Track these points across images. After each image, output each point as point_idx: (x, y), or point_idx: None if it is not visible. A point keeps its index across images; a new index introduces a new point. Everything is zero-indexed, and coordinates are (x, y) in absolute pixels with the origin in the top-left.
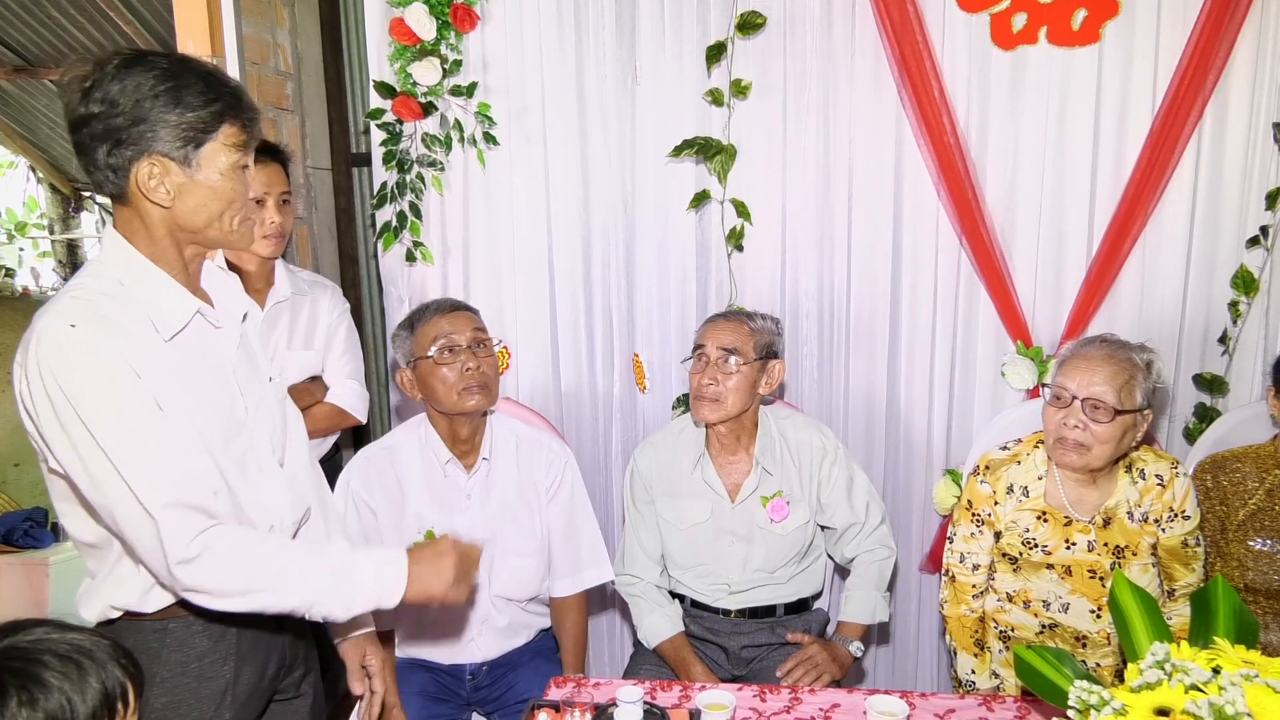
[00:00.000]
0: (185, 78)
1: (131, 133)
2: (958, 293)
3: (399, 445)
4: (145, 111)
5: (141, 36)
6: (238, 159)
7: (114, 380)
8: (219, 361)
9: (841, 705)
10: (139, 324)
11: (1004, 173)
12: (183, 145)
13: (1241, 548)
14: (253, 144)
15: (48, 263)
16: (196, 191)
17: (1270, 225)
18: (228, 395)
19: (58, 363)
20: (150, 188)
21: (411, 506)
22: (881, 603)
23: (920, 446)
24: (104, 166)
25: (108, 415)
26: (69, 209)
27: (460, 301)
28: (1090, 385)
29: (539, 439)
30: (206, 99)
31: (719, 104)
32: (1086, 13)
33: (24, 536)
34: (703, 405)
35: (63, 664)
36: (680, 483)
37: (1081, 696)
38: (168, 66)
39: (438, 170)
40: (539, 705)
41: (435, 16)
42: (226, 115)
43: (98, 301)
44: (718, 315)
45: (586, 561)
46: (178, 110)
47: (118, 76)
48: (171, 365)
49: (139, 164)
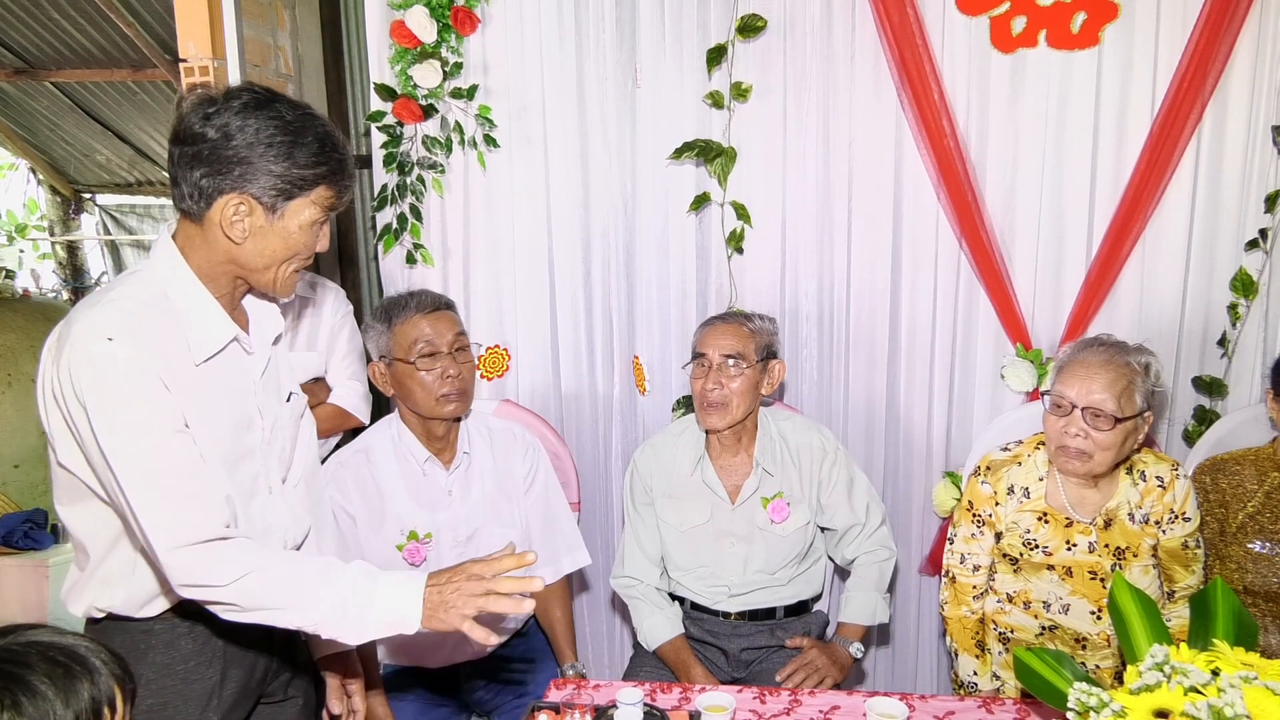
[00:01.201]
0: (304, 136)
1: (234, 168)
2: (957, 295)
3: (373, 447)
4: (255, 155)
5: (142, 39)
6: (320, 217)
7: (143, 404)
8: (244, 385)
9: (841, 707)
10: (175, 343)
11: (1003, 175)
12: (275, 194)
13: (1241, 550)
14: (339, 208)
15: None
16: (271, 238)
17: (1269, 228)
18: (245, 419)
19: (89, 379)
20: (229, 222)
21: (392, 508)
22: (882, 604)
23: (920, 448)
24: (194, 186)
25: (127, 446)
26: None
27: (440, 298)
28: (1090, 394)
29: (510, 429)
30: (316, 160)
31: (719, 106)
32: (1086, 16)
33: (24, 538)
34: (710, 413)
35: (50, 668)
36: (680, 484)
37: (1081, 698)
38: (293, 120)
39: (438, 172)
40: (539, 707)
41: (436, 19)
42: (326, 179)
43: (140, 314)
44: (714, 319)
45: (563, 548)
46: (285, 164)
47: (243, 113)
48: (198, 386)
49: (228, 196)
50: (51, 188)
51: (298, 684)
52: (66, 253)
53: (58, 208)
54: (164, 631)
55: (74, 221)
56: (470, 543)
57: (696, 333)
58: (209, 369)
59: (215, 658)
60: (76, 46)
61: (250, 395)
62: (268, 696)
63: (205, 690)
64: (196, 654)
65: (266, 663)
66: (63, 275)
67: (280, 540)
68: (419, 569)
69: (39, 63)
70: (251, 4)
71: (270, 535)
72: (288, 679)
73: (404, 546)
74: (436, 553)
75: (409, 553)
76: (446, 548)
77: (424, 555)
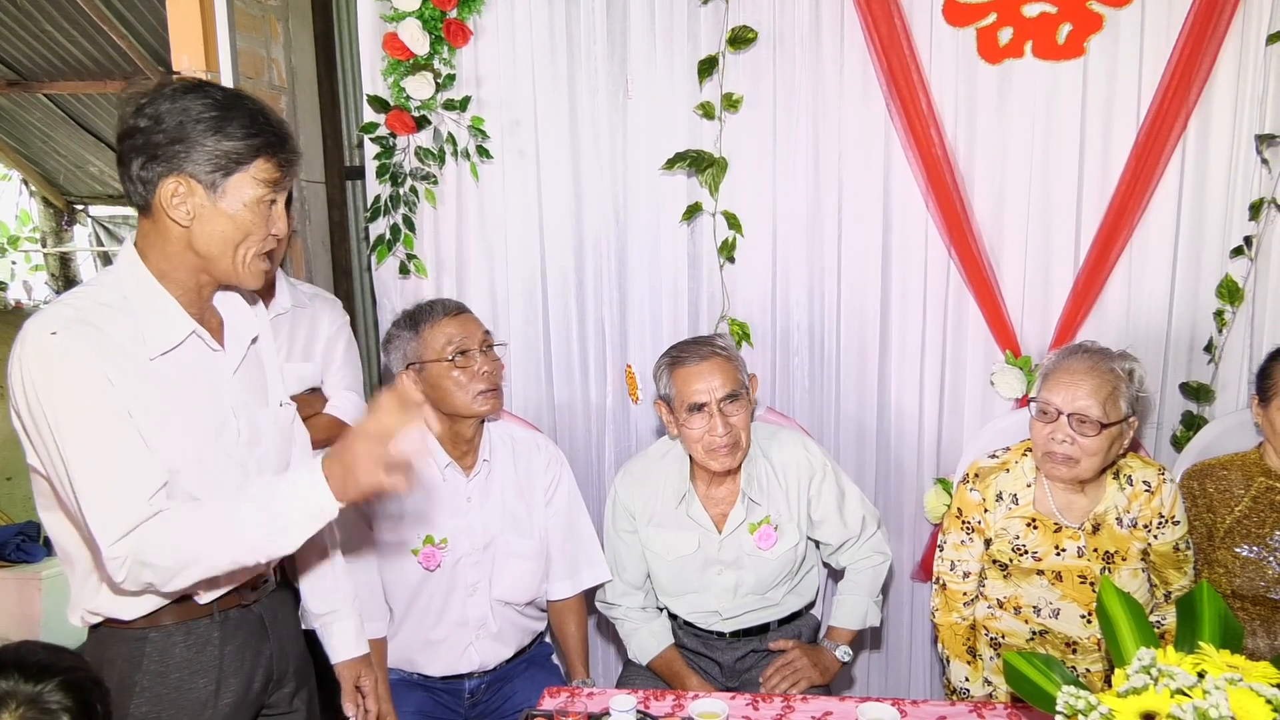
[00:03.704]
0: (234, 110)
1: (167, 150)
2: (947, 303)
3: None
4: (185, 133)
5: (135, 51)
6: (264, 194)
7: (83, 389)
8: (212, 382)
9: (834, 713)
10: (127, 337)
11: (991, 184)
12: (212, 170)
13: (1228, 554)
14: (285, 184)
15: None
16: (216, 219)
17: (1254, 235)
18: (217, 417)
19: (36, 369)
20: (172, 205)
21: (410, 512)
22: (873, 608)
23: (910, 455)
24: (135, 178)
25: (72, 426)
26: (62, 223)
27: (463, 304)
28: (1075, 400)
29: (534, 440)
30: (248, 132)
31: (710, 117)
32: (1071, 27)
33: (16, 551)
34: (720, 455)
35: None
36: (665, 514)
37: (1069, 702)
38: (221, 98)
39: (431, 183)
40: (533, 715)
41: (428, 31)
42: (264, 151)
43: (92, 311)
44: (685, 357)
45: (583, 562)
46: (216, 137)
47: (171, 98)
48: (155, 382)
49: (166, 180)
50: (44, 199)
51: (302, 696)
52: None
53: (50, 219)
54: (159, 639)
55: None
56: (487, 550)
57: (670, 374)
58: (170, 364)
59: (211, 667)
60: (69, 58)
61: (222, 394)
62: (270, 708)
63: (200, 699)
64: (191, 662)
65: (267, 674)
66: (55, 287)
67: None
68: (434, 573)
69: (32, 74)
70: (245, 16)
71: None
72: (291, 691)
73: (419, 551)
74: (453, 558)
75: (425, 557)
76: (463, 553)
77: (439, 560)
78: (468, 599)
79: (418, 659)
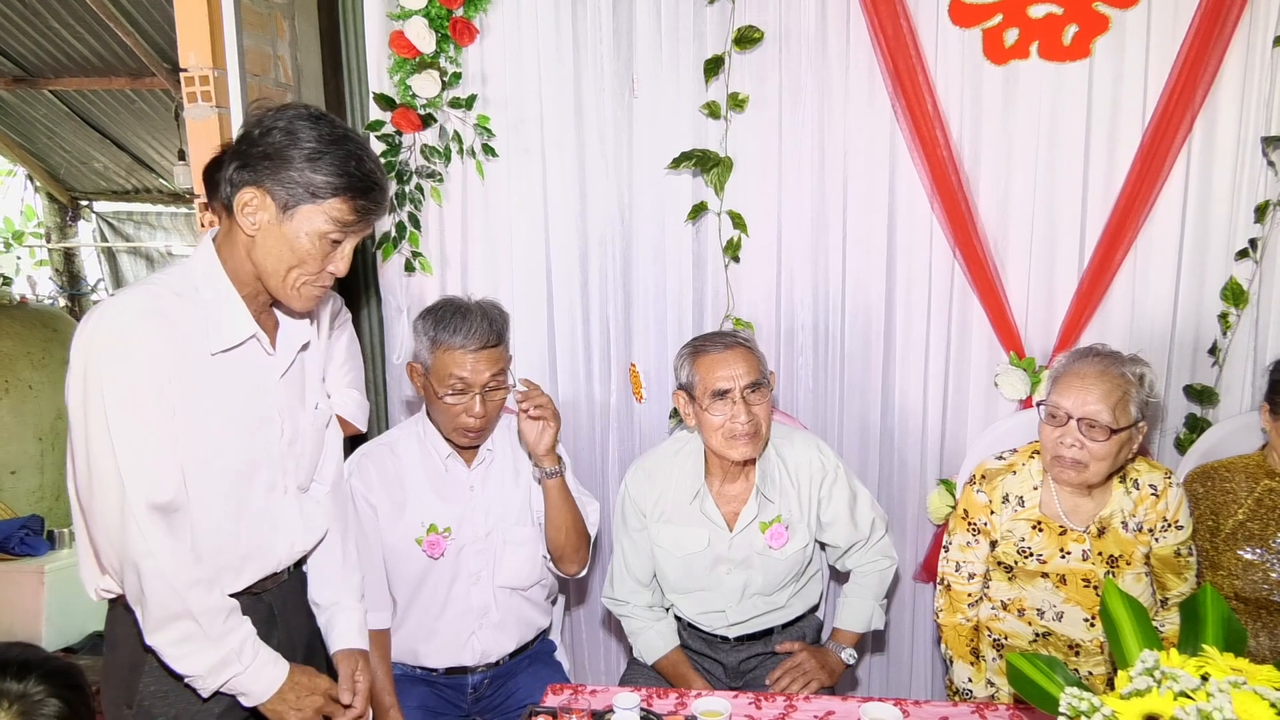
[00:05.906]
0: (335, 147)
1: (260, 162)
2: (951, 304)
3: (398, 441)
4: (283, 153)
5: (141, 48)
6: (331, 230)
7: (133, 381)
8: (263, 383)
9: (836, 713)
10: (194, 330)
11: (997, 185)
12: (289, 194)
13: (1231, 557)
14: (357, 229)
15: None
16: (277, 239)
17: (1259, 238)
18: (262, 419)
19: (98, 353)
20: (243, 213)
21: (413, 500)
22: (878, 611)
23: (914, 456)
24: (227, 179)
25: (103, 421)
26: (66, 218)
27: (490, 334)
28: (1085, 405)
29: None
30: (336, 170)
31: (716, 117)
32: (1077, 28)
33: (20, 544)
34: (741, 443)
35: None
36: (677, 510)
37: (1072, 703)
38: (329, 133)
39: (436, 181)
40: (536, 712)
41: (435, 30)
42: (343, 192)
43: (167, 300)
44: (709, 346)
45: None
46: (306, 165)
47: (289, 119)
48: (210, 378)
49: (247, 188)
50: (49, 195)
51: None
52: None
53: (55, 215)
54: None
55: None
56: (489, 538)
57: (693, 362)
58: (227, 363)
59: None
60: (75, 55)
61: (269, 394)
62: None
63: None
64: None
65: None
66: (59, 282)
67: (286, 541)
68: (437, 561)
69: (37, 71)
70: (252, 14)
71: (276, 534)
72: None
73: (423, 540)
74: (456, 546)
75: (429, 545)
76: (466, 541)
77: (443, 548)
78: (471, 587)
79: (421, 650)
